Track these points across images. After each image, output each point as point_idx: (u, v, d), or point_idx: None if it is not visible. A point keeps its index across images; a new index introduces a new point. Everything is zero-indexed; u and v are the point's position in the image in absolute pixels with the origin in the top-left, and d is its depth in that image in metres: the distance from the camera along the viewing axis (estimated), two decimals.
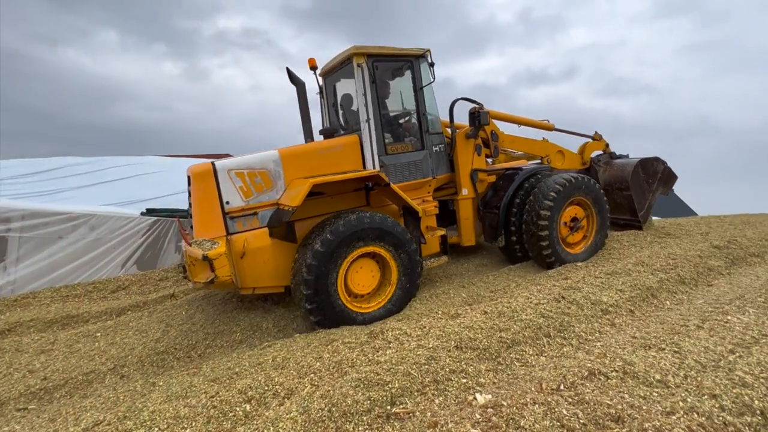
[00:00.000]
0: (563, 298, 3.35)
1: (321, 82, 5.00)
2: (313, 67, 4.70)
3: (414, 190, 4.47)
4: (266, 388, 2.41)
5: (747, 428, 1.72)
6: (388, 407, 2.12)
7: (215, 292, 4.78)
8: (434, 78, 4.41)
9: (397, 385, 2.24)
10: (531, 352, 2.70)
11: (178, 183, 9.04)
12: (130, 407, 2.37)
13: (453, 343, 2.66)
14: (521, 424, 1.77)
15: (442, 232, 4.67)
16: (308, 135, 4.63)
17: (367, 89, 4.08)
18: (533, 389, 2.08)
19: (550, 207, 4.64)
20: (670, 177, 6.25)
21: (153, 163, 10.32)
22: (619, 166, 6.05)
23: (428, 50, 4.40)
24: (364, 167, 4.17)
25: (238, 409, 2.23)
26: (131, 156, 11.59)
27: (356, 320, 3.69)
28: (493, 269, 5.29)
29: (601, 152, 6.35)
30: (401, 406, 2.14)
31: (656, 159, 6.10)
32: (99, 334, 4.05)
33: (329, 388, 2.26)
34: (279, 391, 2.39)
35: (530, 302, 3.29)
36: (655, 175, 6.07)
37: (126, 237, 5.92)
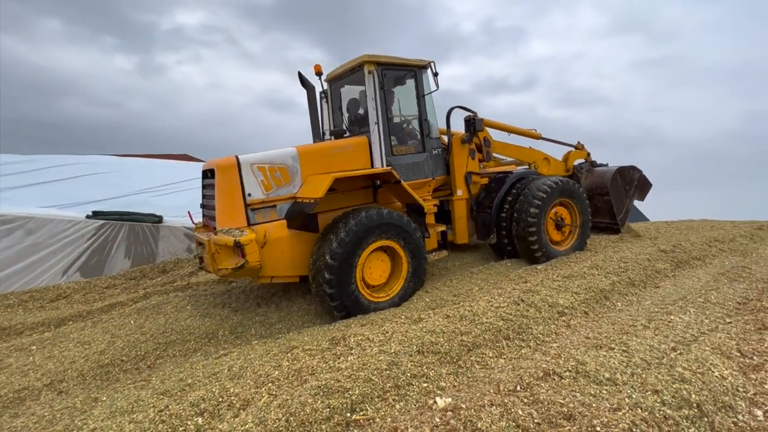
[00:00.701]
0: (522, 301, 3.47)
1: (326, 87, 5.36)
2: (319, 73, 5.09)
3: (416, 190, 4.72)
4: (221, 399, 2.33)
5: (684, 421, 1.85)
6: (348, 414, 2.11)
7: (196, 292, 4.57)
8: (438, 87, 4.82)
9: (357, 391, 2.23)
10: (491, 355, 2.78)
11: (130, 184, 8.58)
12: (68, 426, 2.21)
13: (415, 347, 2.69)
14: (478, 425, 1.82)
15: (442, 228, 5.14)
16: (316, 135, 5.08)
17: (376, 94, 4.46)
18: (491, 391, 2.14)
19: (539, 206, 5.10)
20: (645, 184, 6.79)
21: (101, 163, 9.74)
22: (600, 173, 6.55)
23: (432, 62, 4.83)
24: (372, 167, 4.50)
25: (189, 423, 2.13)
26: (76, 155, 10.87)
27: (369, 308, 3.97)
28: (457, 273, 5.41)
29: (582, 160, 6.87)
30: (361, 413, 2.13)
31: (633, 167, 6.63)
32: (34, 348, 3.75)
33: (287, 397, 2.22)
34: (234, 402, 2.31)
35: (491, 306, 3.39)
36: (632, 182, 6.59)
37: (68, 242, 5.54)
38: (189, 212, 4.81)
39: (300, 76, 4.90)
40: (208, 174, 4.19)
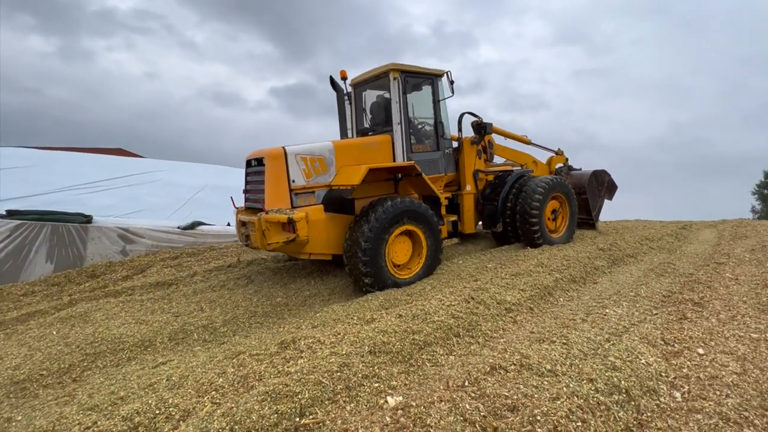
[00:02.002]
0: (472, 298, 3.61)
1: (350, 90, 6.01)
2: (344, 78, 5.81)
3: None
4: (157, 411, 2.20)
5: (615, 405, 2.03)
6: (297, 419, 2.08)
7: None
8: (453, 93, 5.51)
9: (307, 395, 2.21)
10: (441, 352, 2.86)
11: (54, 180, 7.84)
12: None
13: (367, 348, 2.70)
14: (428, 422, 1.87)
15: (453, 218, 6.03)
16: (344, 133, 5.91)
17: (400, 98, 5.22)
18: (441, 388, 2.21)
19: (539, 200, 6.05)
20: (612, 186, 8.00)
21: (19, 156, 8.80)
22: (578, 175, 7.61)
23: (448, 71, 5.53)
24: (394, 161, 5.23)
25: None
26: None
27: (396, 283, 4.68)
28: None
29: (562, 164, 7.94)
30: (311, 417, 2.11)
31: (604, 171, 7.83)
32: None
33: (232, 405, 2.14)
34: (173, 413, 2.20)
35: (443, 304, 3.49)
36: (603, 183, 7.79)
37: None
38: (231, 197, 5.54)
39: (331, 79, 5.68)
40: (253, 163, 4.92)
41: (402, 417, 1.95)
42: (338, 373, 2.41)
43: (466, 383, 2.21)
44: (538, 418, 1.85)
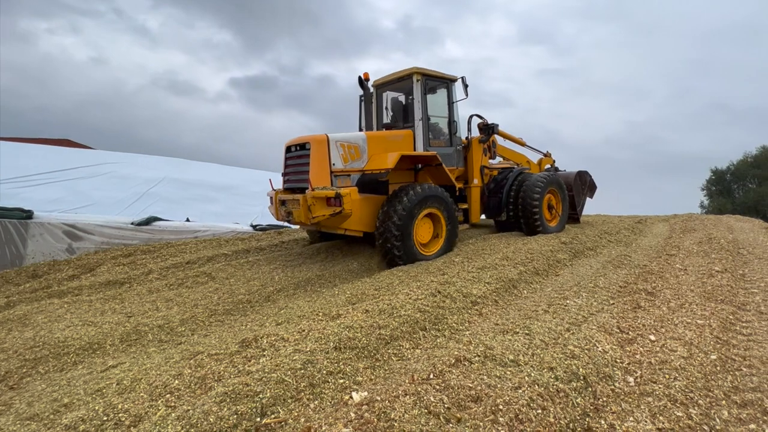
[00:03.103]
0: (439, 292, 3.66)
1: (372, 90, 6.67)
2: (367, 79, 6.38)
3: None
4: (105, 418, 2.08)
5: (573, 392, 2.12)
6: (258, 419, 2.03)
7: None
8: (467, 96, 6.33)
9: (269, 394, 2.16)
10: (408, 346, 2.88)
11: None
12: None
13: (332, 344, 2.68)
14: (392, 416, 1.88)
15: (465, 206, 6.82)
16: (369, 127, 6.56)
17: (422, 98, 6.09)
18: (406, 381, 2.22)
19: (539, 193, 6.88)
20: (593, 186, 8.90)
21: None
22: (564, 175, 8.35)
23: (463, 76, 6.34)
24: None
25: None
26: None
27: (421, 259, 5.42)
28: (382, 265, 5.55)
29: (549, 165, 8.88)
30: (272, 416, 2.06)
31: (586, 172, 8.70)
32: None
33: (188, 408, 2.06)
34: (123, 419, 2.08)
35: (410, 298, 3.52)
36: (586, 183, 8.69)
37: None
38: (270, 179, 6.65)
39: (360, 80, 6.34)
40: (293, 148, 5.73)
41: (366, 412, 1.94)
42: (302, 371, 2.37)
43: (431, 376, 2.24)
44: (501, 407, 1.90)
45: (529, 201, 6.87)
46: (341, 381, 2.39)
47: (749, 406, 2.11)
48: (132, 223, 7.09)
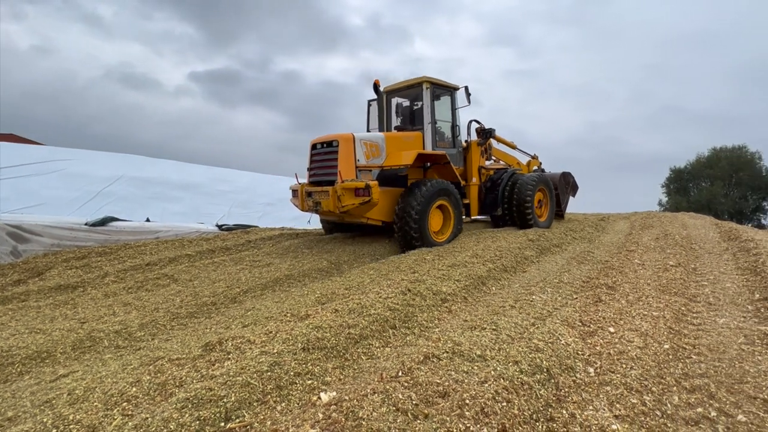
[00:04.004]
0: (409, 290, 3.71)
1: (379, 96, 7.31)
2: (378, 85, 7.06)
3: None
4: (54, 431, 1.98)
5: (537, 384, 2.20)
6: (222, 424, 1.99)
7: None
8: (470, 103, 7.22)
9: (233, 398, 2.12)
10: (377, 345, 2.90)
11: None
12: None
13: (300, 345, 2.66)
14: (360, 414, 1.89)
15: (467, 201, 7.56)
16: (381, 128, 7.38)
17: (430, 103, 6.93)
18: (375, 380, 2.24)
19: (531, 191, 7.67)
20: (575, 186, 9.80)
21: None
22: (549, 176, 9.08)
23: (466, 86, 7.20)
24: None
25: None
26: None
27: (434, 244, 6.22)
28: (354, 264, 5.55)
29: (536, 167, 9.76)
30: (237, 421, 2.03)
31: (569, 173, 9.62)
32: None
33: (147, 416, 1.99)
34: (74, 431, 1.99)
35: (380, 297, 3.54)
36: (569, 183, 9.61)
37: None
38: (296, 174, 7.14)
39: (375, 85, 7.01)
40: (318, 146, 6.48)
41: (334, 412, 1.95)
42: (269, 373, 2.35)
43: (400, 373, 2.27)
44: (467, 401, 1.95)
45: (522, 198, 7.65)
46: (309, 382, 2.38)
47: (697, 391, 2.26)
48: (86, 224, 6.74)
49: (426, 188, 6.16)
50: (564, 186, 9.39)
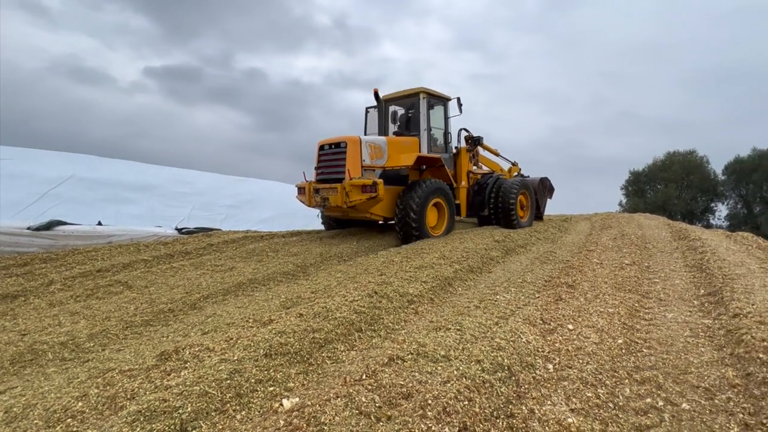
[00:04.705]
0: (376, 293, 3.72)
1: (380, 104, 8.21)
2: (377, 94, 7.83)
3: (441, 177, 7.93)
4: None
5: (498, 382, 2.27)
6: None
7: None
8: (461, 112, 8.25)
9: (190, 408, 2.05)
10: (342, 349, 2.90)
11: None
12: None
13: (262, 351, 2.62)
14: (322, 420, 1.88)
15: (457, 201, 8.18)
16: (380, 134, 8.16)
17: (426, 112, 7.81)
18: (339, 384, 2.24)
19: (515, 194, 8.39)
20: (552, 189, 10.68)
21: None
22: (531, 180, 9.87)
23: (458, 97, 8.22)
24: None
25: None
26: None
27: (431, 237, 6.93)
28: (321, 266, 5.52)
29: (517, 173, 10.46)
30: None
31: (546, 178, 10.44)
32: None
33: None
34: None
35: (346, 300, 3.54)
36: (546, 186, 10.46)
37: None
38: (303, 172, 7.76)
39: (375, 94, 7.76)
40: (326, 147, 7.23)
41: (296, 418, 1.93)
42: (228, 381, 2.29)
43: (364, 377, 2.27)
44: (429, 402, 1.99)
45: (507, 201, 8.38)
46: (271, 389, 2.35)
47: (647, 383, 2.41)
48: (29, 228, 6.32)
49: (424, 187, 6.91)
50: (542, 190, 10.24)
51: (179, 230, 8.16)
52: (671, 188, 35.53)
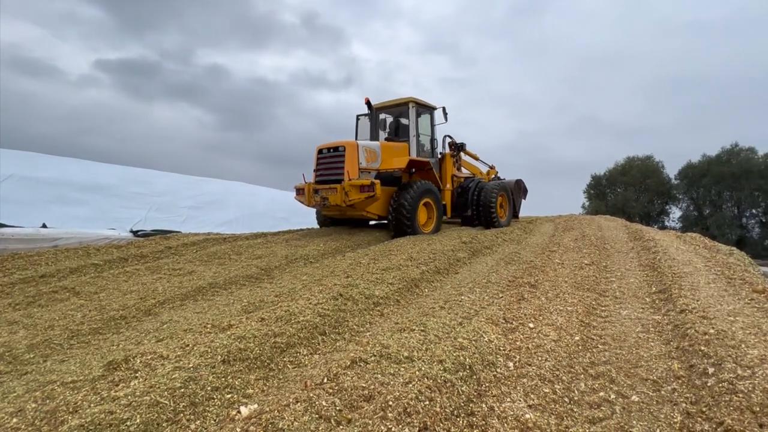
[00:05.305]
0: (341, 295, 3.71)
1: (371, 112, 9.26)
2: (369, 102, 8.96)
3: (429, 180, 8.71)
4: None
5: (459, 381, 2.32)
6: None
7: None
8: (447, 121, 9.25)
9: (138, 420, 1.97)
10: (305, 353, 2.87)
11: None
12: None
13: (220, 357, 2.55)
14: (280, 425, 1.85)
15: (444, 202, 8.94)
16: (372, 139, 9.05)
17: (415, 120, 8.67)
18: (299, 389, 2.21)
19: (495, 196, 9.23)
20: (526, 190, 11.51)
21: None
22: (506, 182, 10.71)
23: (444, 106, 9.19)
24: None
25: None
26: None
27: (421, 233, 7.68)
28: (286, 269, 5.43)
29: (494, 176, 11.42)
30: None
31: (521, 180, 11.27)
32: None
33: None
34: None
35: (310, 303, 3.50)
36: (520, 188, 11.28)
37: None
38: (303, 174, 8.48)
39: (367, 103, 8.88)
40: (324, 151, 8.05)
41: (253, 425, 1.89)
42: (182, 389, 2.22)
43: (325, 380, 2.26)
44: (390, 403, 2.00)
45: (488, 202, 9.18)
46: (229, 396, 2.29)
47: (601, 377, 2.53)
48: None
49: (416, 188, 7.77)
50: (518, 191, 11.11)
51: (134, 233, 7.81)
52: (630, 191, 37.54)
